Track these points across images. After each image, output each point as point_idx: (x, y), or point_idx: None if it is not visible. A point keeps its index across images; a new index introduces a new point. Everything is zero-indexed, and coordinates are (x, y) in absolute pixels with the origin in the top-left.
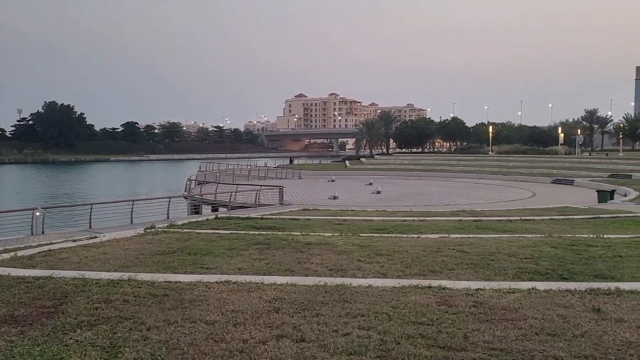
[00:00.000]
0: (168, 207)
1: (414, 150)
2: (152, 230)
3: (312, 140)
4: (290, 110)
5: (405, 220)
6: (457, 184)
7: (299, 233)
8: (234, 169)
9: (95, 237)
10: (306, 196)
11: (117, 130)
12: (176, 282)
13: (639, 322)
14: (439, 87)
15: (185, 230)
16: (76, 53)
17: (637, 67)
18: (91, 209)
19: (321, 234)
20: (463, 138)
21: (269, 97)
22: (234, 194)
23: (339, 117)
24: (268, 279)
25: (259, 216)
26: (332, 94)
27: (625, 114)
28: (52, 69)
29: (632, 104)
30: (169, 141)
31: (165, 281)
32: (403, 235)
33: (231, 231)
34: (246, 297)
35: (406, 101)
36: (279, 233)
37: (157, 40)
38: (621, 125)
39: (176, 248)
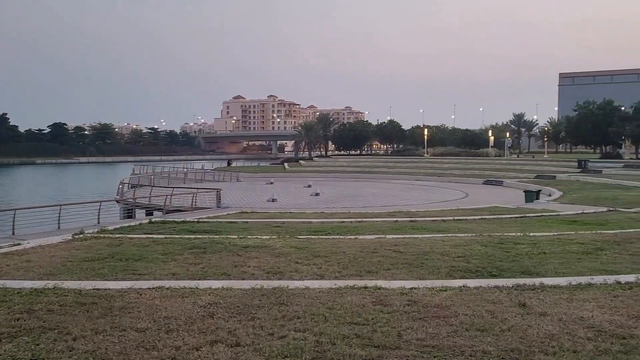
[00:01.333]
0: (99, 212)
1: (352, 152)
2: (81, 236)
3: (251, 143)
4: (228, 112)
5: (343, 221)
6: (394, 186)
7: (236, 236)
8: (169, 171)
9: (19, 244)
10: (244, 199)
11: (44, 131)
12: (106, 289)
13: (561, 315)
14: (376, 90)
15: (117, 236)
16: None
17: (560, 73)
18: (14, 214)
19: (259, 237)
20: (399, 140)
21: (206, 99)
22: (169, 197)
23: (278, 119)
24: (203, 284)
25: (195, 220)
26: (271, 95)
27: (549, 118)
28: None
29: (556, 108)
30: (100, 143)
31: (93, 289)
32: (341, 237)
33: (166, 236)
34: (180, 302)
35: (344, 104)
36: (215, 237)
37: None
38: (546, 128)
39: (106, 254)
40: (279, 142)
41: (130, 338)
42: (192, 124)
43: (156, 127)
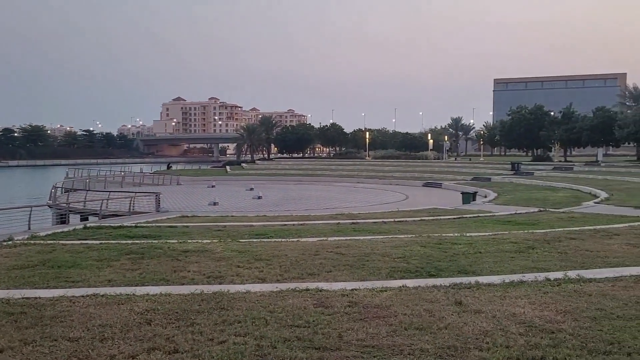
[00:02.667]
0: (29, 218)
1: (295, 155)
2: (10, 242)
3: (192, 146)
4: (168, 114)
5: (285, 224)
6: (336, 188)
7: (176, 241)
8: (105, 175)
9: None
10: (185, 203)
11: None
12: (36, 298)
13: (495, 312)
14: (319, 94)
15: (49, 242)
16: None
17: (494, 79)
18: None
19: (199, 241)
20: (342, 143)
21: (145, 101)
22: (105, 201)
23: (220, 122)
24: (140, 290)
25: (133, 224)
26: (212, 98)
27: (485, 122)
28: None
29: (491, 113)
30: (31, 146)
31: (23, 298)
32: (283, 240)
33: (101, 241)
34: (115, 310)
35: (287, 107)
36: (154, 241)
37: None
38: (482, 132)
39: (37, 261)
40: (220, 145)
41: (62, 348)
42: (130, 126)
43: (92, 129)
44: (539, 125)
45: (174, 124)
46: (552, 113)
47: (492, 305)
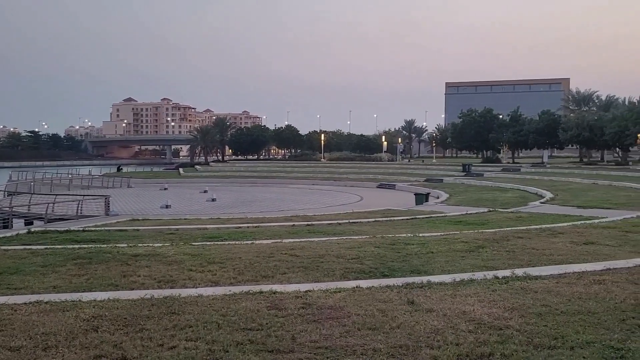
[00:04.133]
0: None
1: (250, 157)
2: None
3: (143, 147)
4: (118, 115)
5: (239, 227)
6: (291, 190)
7: (126, 245)
8: (52, 178)
9: None
10: (136, 206)
11: None
12: None
13: (446, 311)
14: (274, 95)
15: None
16: None
17: (446, 82)
18: None
19: (151, 245)
20: (297, 145)
21: (94, 101)
22: (51, 205)
23: (172, 123)
24: (87, 296)
25: (81, 228)
26: (165, 99)
27: (437, 125)
28: None
29: (443, 115)
30: None
31: None
32: (237, 242)
33: (46, 246)
34: (60, 317)
35: (242, 108)
36: (102, 246)
37: None
38: (434, 134)
39: None
40: (173, 146)
41: (2, 358)
42: (78, 127)
43: (37, 130)
44: (489, 128)
45: (124, 125)
46: (500, 116)
47: (443, 303)
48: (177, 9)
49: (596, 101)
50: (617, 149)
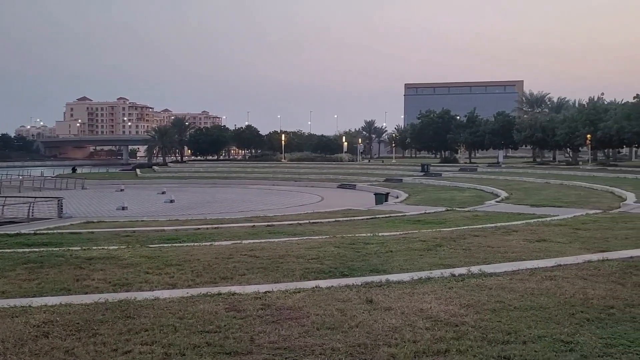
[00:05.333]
0: None
1: (210, 157)
2: None
3: (99, 148)
4: (72, 115)
5: (198, 228)
6: (252, 191)
7: (80, 248)
8: (1, 179)
9: None
10: (91, 208)
11: None
12: None
13: (404, 309)
14: (234, 96)
15: None
16: None
17: (405, 84)
18: None
19: (106, 248)
20: (257, 146)
21: (46, 100)
22: (0, 207)
23: (129, 123)
24: (38, 301)
25: (32, 232)
26: (121, 98)
27: (397, 125)
28: None
29: (402, 116)
30: None
31: None
32: (195, 244)
33: None
34: (9, 323)
35: (201, 108)
36: (55, 249)
37: None
38: (394, 135)
39: None
40: (130, 147)
41: None
42: (29, 127)
43: None
44: (447, 129)
45: (78, 124)
46: (458, 117)
47: (401, 302)
48: (137, 5)
49: (548, 103)
50: (568, 149)
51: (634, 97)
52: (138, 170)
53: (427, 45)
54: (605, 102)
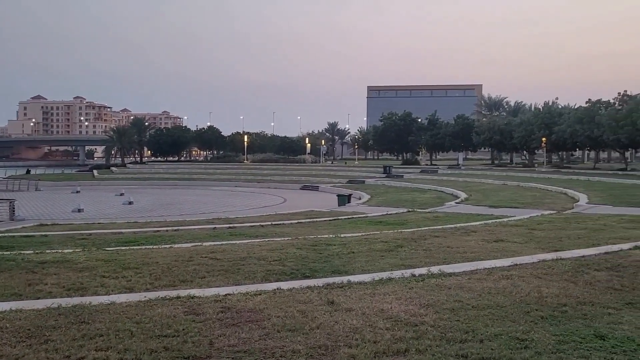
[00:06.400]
0: None
1: (170, 158)
2: None
3: (54, 148)
4: (25, 114)
5: (158, 230)
6: (213, 192)
7: (32, 251)
8: None
9: None
10: (45, 210)
11: None
12: None
13: (364, 310)
14: (195, 95)
15: None
16: None
17: (368, 86)
18: None
19: (60, 251)
20: (219, 147)
21: None
22: None
23: (86, 123)
24: None
25: None
26: (78, 97)
27: (360, 127)
28: None
29: (365, 118)
30: None
31: None
32: (154, 247)
33: None
34: None
35: (162, 108)
36: (6, 253)
37: None
38: (357, 136)
39: None
40: (87, 147)
41: None
42: None
43: None
44: (408, 131)
45: (32, 124)
46: (419, 120)
47: (362, 302)
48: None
49: (506, 107)
50: (525, 152)
51: (586, 102)
52: (95, 172)
53: (389, 49)
54: (560, 107)
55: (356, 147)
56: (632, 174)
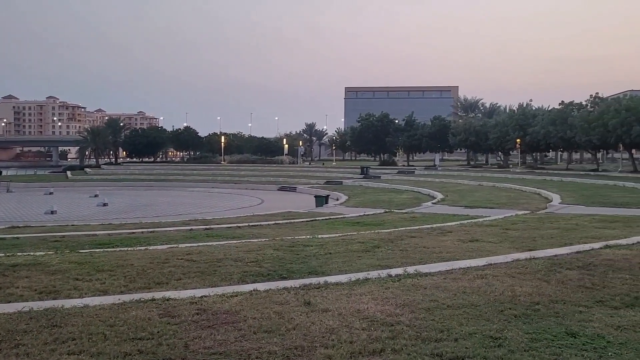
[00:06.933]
0: None
1: (146, 159)
2: None
3: (27, 149)
4: None
5: (133, 232)
6: (190, 194)
7: (3, 254)
8: None
9: None
10: (17, 212)
11: None
12: None
13: (341, 310)
14: (172, 96)
15: None
16: None
17: (345, 87)
18: None
19: (32, 254)
20: (196, 147)
21: None
22: None
23: (60, 124)
24: None
25: None
26: (51, 97)
27: (337, 128)
28: None
29: (343, 119)
30: None
31: None
32: (129, 249)
33: None
34: None
35: (137, 109)
36: None
37: None
38: (334, 137)
39: None
40: (60, 148)
41: None
42: None
43: None
44: (385, 132)
45: (3, 124)
46: (396, 121)
47: (339, 303)
48: (70, 3)
49: (481, 108)
50: (500, 153)
51: (559, 104)
52: (69, 173)
53: (367, 50)
54: (534, 108)
55: (334, 148)
56: (603, 174)
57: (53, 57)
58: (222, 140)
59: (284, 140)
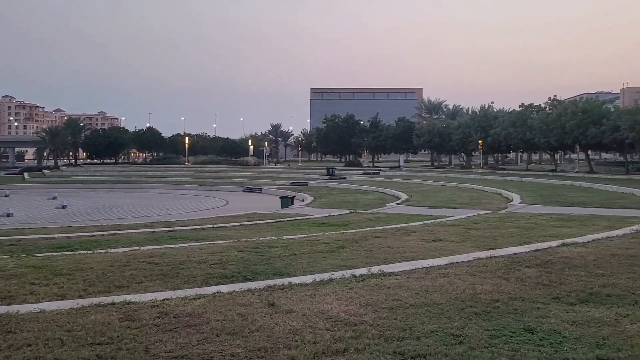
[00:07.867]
0: None
1: (107, 160)
2: None
3: None
4: None
5: (93, 235)
6: (153, 195)
7: None
8: None
9: None
10: None
11: None
12: None
13: (305, 311)
14: (134, 96)
15: None
16: None
17: (311, 88)
18: None
19: None
20: (159, 148)
21: None
22: None
23: (16, 124)
24: None
25: None
26: (7, 96)
27: (303, 129)
28: None
29: (308, 120)
30: None
31: None
32: (89, 252)
33: None
34: None
35: (98, 109)
36: None
37: None
38: (300, 138)
39: None
40: (17, 149)
41: None
42: None
43: None
44: (351, 133)
45: None
46: (362, 122)
47: (303, 304)
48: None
49: (445, 110)
50: (463, 154)
51: (520, 106)
52: (26, 174)
53: (333, 51)
54: (495, 110)
55: (300, 149)
56: (561, 175)
57: (10, 53)
58: (186, 141)
59: (250, 141)
